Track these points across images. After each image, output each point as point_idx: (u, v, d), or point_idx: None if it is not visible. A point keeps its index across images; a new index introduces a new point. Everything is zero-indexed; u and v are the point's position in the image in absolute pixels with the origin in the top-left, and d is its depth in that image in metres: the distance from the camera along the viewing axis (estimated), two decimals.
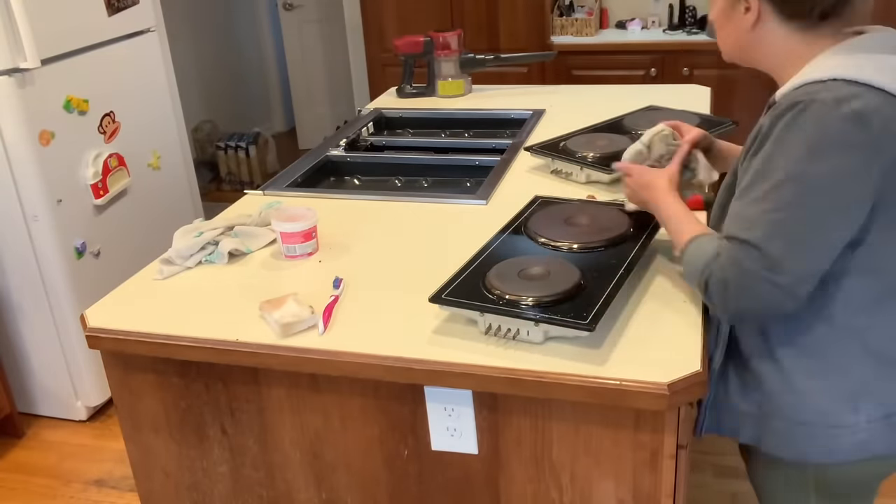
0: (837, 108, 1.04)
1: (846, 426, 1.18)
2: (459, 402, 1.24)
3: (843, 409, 1.17)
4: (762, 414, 1.23)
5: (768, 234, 1.06)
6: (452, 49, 2.61)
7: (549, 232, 1.47)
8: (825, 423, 1.18)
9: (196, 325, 1.35)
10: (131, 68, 2.82)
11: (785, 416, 1.20)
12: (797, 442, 1.21)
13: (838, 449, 1.19)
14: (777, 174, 1.07)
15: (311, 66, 5.33)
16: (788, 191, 1.06)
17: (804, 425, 1.19)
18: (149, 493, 1.53)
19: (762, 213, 1.07)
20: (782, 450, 1.23)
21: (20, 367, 2.72)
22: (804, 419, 1.19)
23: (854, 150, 1.04)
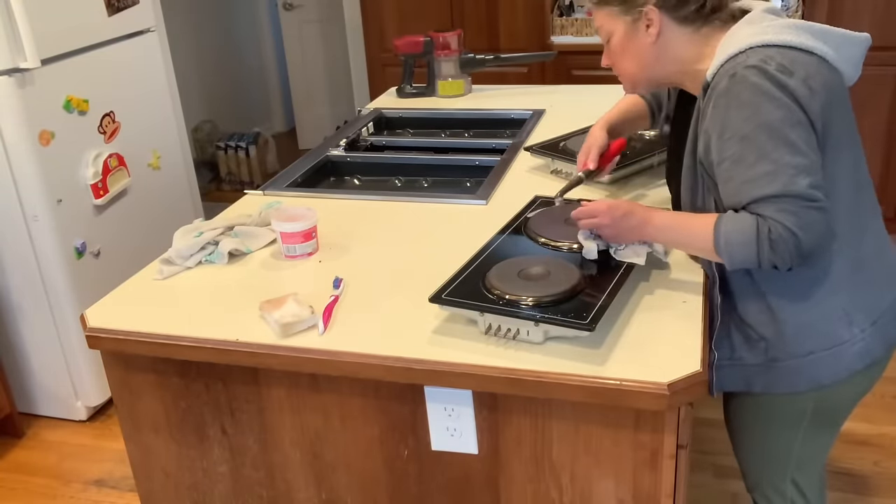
0: (765, 65, 1.17)
1: (846, 341, 1.29)
2: (459, 402, 1.24)
3: (840, 327, 1.28)
4: (769, 360, 1.32)
5: (787, 179, 1.15)
6: (452, 49, 2.61)
7: (549, 232, 1.47)
8: (829, 344, 1.29)
9: (196, 325, 1.35)
10: (131, 68, 2.82)
11: (792, 353, 1.30)
12: (808, 372, 1.30)
13: (845, 364, 1.30)
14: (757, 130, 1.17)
15: (311, 66, 5.33)
16: (777, 136, 1.16)
17: (812, 354, 1.29)
18: (149, 493, 1.53)
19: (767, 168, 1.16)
20: (796, 385, 1.32)
21: (20, 367, 2.72)
22: (810, 348, 1.29)
23: (792, 90, 1.16)
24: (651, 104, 1.71)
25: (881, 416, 2.50)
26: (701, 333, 1.23)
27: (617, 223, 1.32)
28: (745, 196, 1.18)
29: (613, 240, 1.35)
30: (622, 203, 1.33)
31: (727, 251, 1.20)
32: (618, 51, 1.36)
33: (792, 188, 1.14)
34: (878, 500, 2.19)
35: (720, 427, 1.64)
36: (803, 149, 1.16)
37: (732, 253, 1.19)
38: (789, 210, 1.15)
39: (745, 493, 2.21)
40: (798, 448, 1.41)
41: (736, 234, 1.18)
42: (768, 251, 1.16)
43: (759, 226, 1.16)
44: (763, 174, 1.16)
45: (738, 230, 1.18)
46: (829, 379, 1.31)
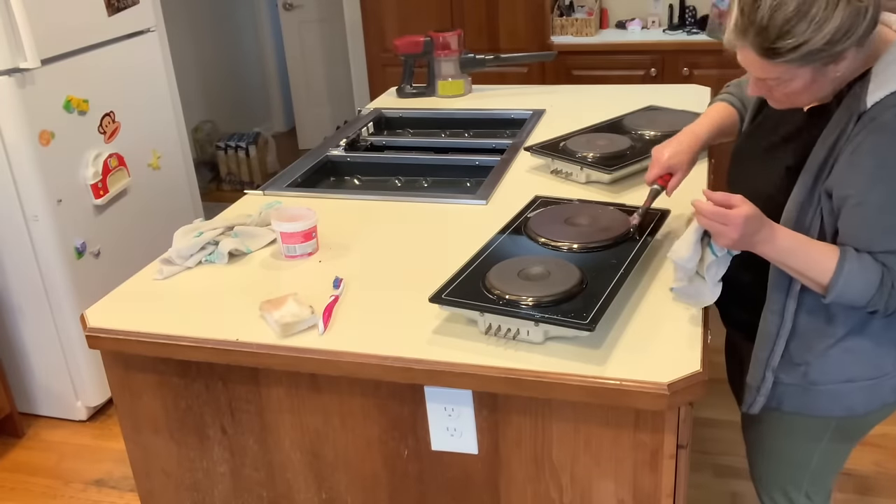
0: None
1: (887, 374, 1.29)
2: (459, 402, 1.24)
3: (885, 359, 1.29)
4: (808, 382, 1.32)
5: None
6: (452, 49, 2.61)
7: (549, 232, 1.47)
8: (870, 374, 1.29)
9: (196, 325, 1.35)
10: (131, 68, 2.82)
11: (833, 379, 1.30)
12: (845, 399, 1.30)
13: (880, 395, 1.31)
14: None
15: (311, 66, 5.33)
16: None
17: (851, 382, 1.29)
18: (149, 493, 1.53)
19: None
20: (832, 409, 1.32)
21: (20, 367, 2.72)
22: (851, 376, 1.29)
23: None
24: (740, 110, 1.56)
25: None
26: (701, 333, 1.23)
27: (744, 236, 1.19)
28: (879, 244, 1.15)
29: (726, 246, 1.22)
30: (757, 214, 1.19)
31: (841, 290, 1.17)
32: (795, 92, 1.20)
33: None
34: (879, 500, 2.19)
35: (720, 427, 1.64)
36: None
37: (846, 291, 1.17)
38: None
39: (744, 493, 2.21)
40: (816, 461, 1.41)
41: (860, 276, 1.16)
42: (885, 300, 1.17)
43: (884, 277, 1.16)
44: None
45: (863, 274, 1.16)
46: (863, 409, 1.32)
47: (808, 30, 1.10)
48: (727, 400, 1.47)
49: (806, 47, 1.11)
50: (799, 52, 1.12)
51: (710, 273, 1.25)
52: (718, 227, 1.19)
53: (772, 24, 1.11)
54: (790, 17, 1.10)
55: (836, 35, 1.10)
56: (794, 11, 1.09)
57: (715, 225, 1.19)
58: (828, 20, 1.09)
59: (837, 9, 1.08)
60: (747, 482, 2.21)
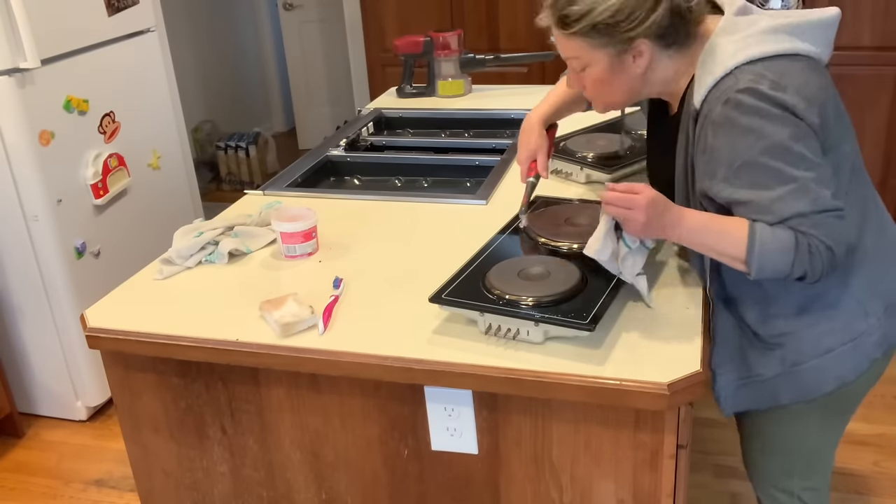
0: (757, 85, 1.14)
1: (863, 332, 1.28)
2: (459, 402, 1.24)
3: (856, 319, 1.28)
4: (790, 365, 1.30)
5: (813, 195, 1.14)
6: (452, 49, 2.61)
7: (549, 232, 1.47)
8: (847, 338, 1.28)
9: (196, 325, 1.35)
10: (131, 68, 2.82)
11: (813, 354, 1.29)
12: (832, 369, 1.29)
13: (865, 354, 1.29)
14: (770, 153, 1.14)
15: (311, 66, 5.33)
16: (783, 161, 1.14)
17: (831, 351, 1.28)
18: (149, 493, 1.53)
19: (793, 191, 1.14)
20: (824, 385, 1.30)
21: (20, 367, 2.72)
22: (829, 345, 1.28)
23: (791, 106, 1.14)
24: None
25: (881, 416, 2.50)
26: (701, 333, 1.23)
27: (651, 219, 1.21)
28: (776, 214, 1.15)
29: (636, 233, 1.24)
30: (661, 198, 1.21)
31: (759, 258, 1.16)
32: (598, 81, 1.29)
33: (820, 203, 1.14)
34: (878, 500, 2.19)
35: (720, 427, 1.64)
36: (815, 160, 1.15)
37: (765, 261, 1.16)
38: (822, 224, 1.14)
39: (745, 493, 2.22)
40: (811, 441, 1.40)
41: (773, 242, 1.15)
42: (807, 263, 1.15)
43: (799, 239, 1.15)
44: (788, 193, 1.14)
45: (776, 239, 1.15)
46: (853, 372, 1.29)
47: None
48: None
49: (590, 17, 1.20)
50: (585, 21, 1.21)
51: (625, 265, 1.27)
52: (624, 212, 1.21)
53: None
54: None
55: (620, 14, 1.19)
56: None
57: (621, 211, 1.22)
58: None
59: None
60: (747, 482, 2.21)
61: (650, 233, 1.23)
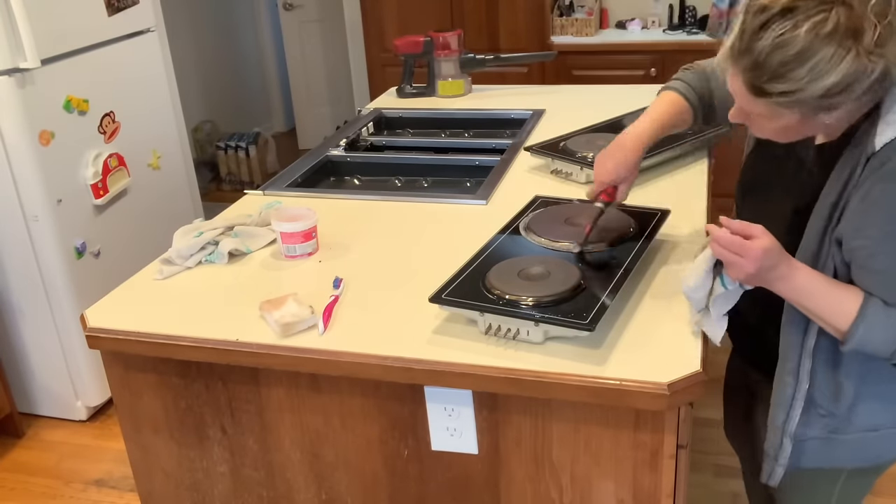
0: None
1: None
2: (459, 402, 1.24)
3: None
4: (830, 432, 1.25)
5: None
6: (452, 49, 2.61)
7: (549, 232, 1.47)
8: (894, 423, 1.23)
9: (196, 325, 1.35)
10: (131, 68, 2.82)
11: (857, 427, 1.23)
12: (873, 447, 1.25)
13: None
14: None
15: (311, 66, 5.33)
16: None
17: (877, 430, 1.23)
18: (149, 493, 1.53)
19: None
20: (855, 459, 1.26)
21: (20, 367, 2.72)
22: (877, 423, 1.23)
23: None
24: (695, 105, 1.47)
25: None
26: (701, 333, 1.23)
27: (760, 270, 1.09)
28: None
29: (739, 280, 1.13)
30: (776, 247, 1.10)
31: (863, 336, 1.09)
32: (774, 129, 1.12)
33: None
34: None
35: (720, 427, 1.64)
36: None
37: (867, 339, 1.09)
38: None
39: (745, 494, 2.21)
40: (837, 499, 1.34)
41: (884, 324, 1.08)
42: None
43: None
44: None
45: (888, 320, 1.08)
46: (891, 455, 1.26)
47: (805, 78, 1.00)
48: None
49: (798, 95, 1.02)
50: (788, 98, 1.03)
51: (715, 306, 1.17)
52: (733, 258, 1.09)
53: (768, 61, 1.02)
54: (789, 61, 1.00)
55: (834, 90, 1.01)
56: (795, 55, 1.00)
57: (730, 255, 1.10)
58: (828, 73, 0.99)
59: (843, 63, 0.98)
60: None
61: (755, 281, 1.12)
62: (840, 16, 0.98)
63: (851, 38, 0.98)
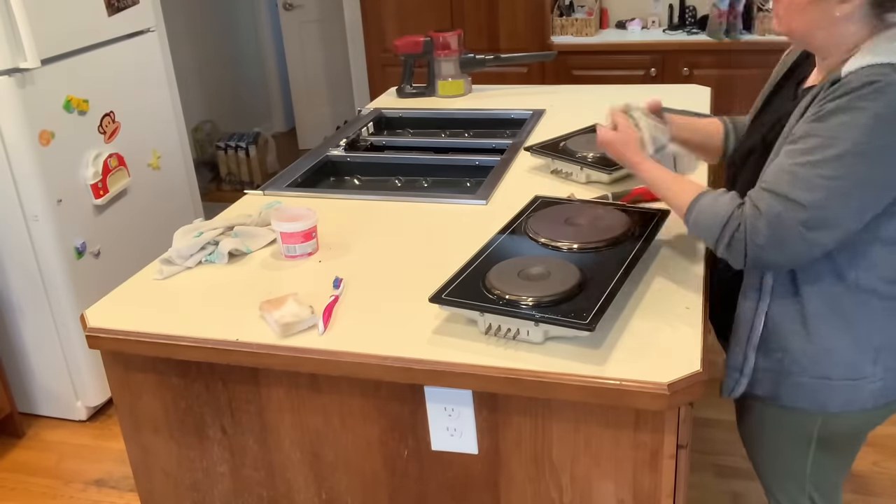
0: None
1: (866, 377, 1.26)
2: (459, 402, 1.24)
3: (864, 361, 1.25)
4: (783, 370, 1.29)
5: (822, 198, 1.11)
6: (452, 49, 2.61)
7: (549, 232, 1.47)
8: (847, 375, 1.26)
9: (196, 325, 1.35)
10: (131, 68, 2.82)
11: (808, 372, 1.27)
12: (819, 394, 1.27)
13: (857, 398, 1.27)
14: (843, 144, 1.11)
15: (311, 66, 5.33)
16: (851, 162, 1.10)
17: (827, 379, 1.26)
18: (149, 493, 1.53)
19: (818, 177, 1.12)
20: (803, 402, 1.29)
21: (20, 367, 2.72)
22: (827, 373, 1.26)
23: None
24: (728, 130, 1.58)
25: None
26: (701, 333, 1.23)
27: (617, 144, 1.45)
28: (771, 180, 1.15)
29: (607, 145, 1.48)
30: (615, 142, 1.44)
31: (696, 220, 1.25)
32: (793, 5, 1.20)
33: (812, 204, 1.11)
34: (878, 500, 2.19)
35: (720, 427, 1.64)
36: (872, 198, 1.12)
37: (696, 223, 1.26)
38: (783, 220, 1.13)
39: (744, 493, 2.22)
40: (810, 469, 1.39)
41: (710, 209, 1.22)
42: (726, 240, 1.19)
43: (734, 213, 1.17)
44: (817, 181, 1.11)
45: (715, 207, 1.21)
46: (838, 408, 1.28)
47: None
48: (727, 400, 1.46)
49: None
50: None
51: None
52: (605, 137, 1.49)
53: None
54: None
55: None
56: None
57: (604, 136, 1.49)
58: None
59: None
60: (747, 482, 2.22)
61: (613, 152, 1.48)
62: None
63: None
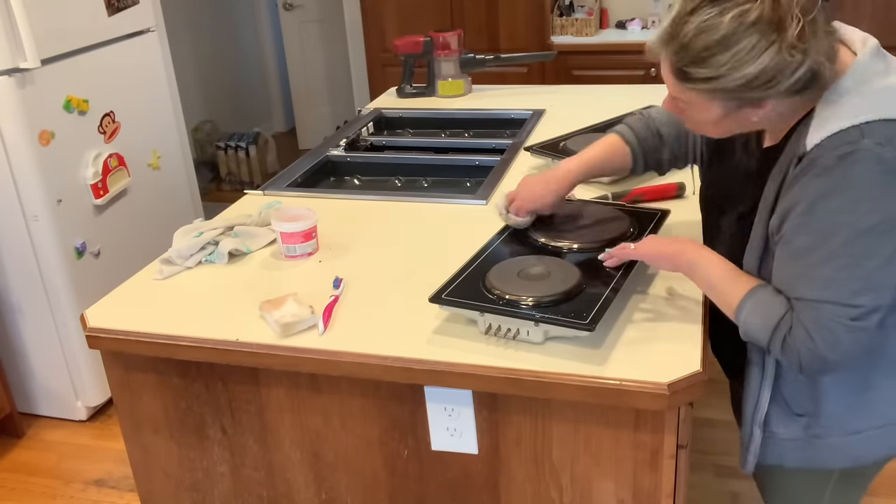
0: (887, 148, 1.02)
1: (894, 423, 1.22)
2: (459, 402, 1.24)
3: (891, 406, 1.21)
4: (810, 436, 1.24)
5: (855, 290, 1.05)
6: (452, 49, 2.61)
7: (549, 232, 1.47)
8: (877, 423, 1.22)
9: (196, 325, 1.35)
10: (131, 68, 2.82)
11: (836, 432, 1.23)
12: (851, 450, 1.24)
13: (888, 444, 1.24)
14: (846, 229, 1.04)
15: (311, 66, 5.33)
16: (862, 243, 1.04)
17: (857, 433, 1.22)
18: (149, 493, 1.53)
19: (838, 271, 1.06)
20: (836, 461, 1.26)
21: (20, 367, 2.72)
22: (857, 427, 1.22)
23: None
24: (634, 147, 1.48)
25: None
26: (701, 333, 1.23)
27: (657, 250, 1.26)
28: (792, 289, 1.10)
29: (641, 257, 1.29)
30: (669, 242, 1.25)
31: (744, 329, 1.14)
32: (704, 122, 1.15)
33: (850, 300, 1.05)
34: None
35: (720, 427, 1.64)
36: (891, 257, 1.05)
37: (748, 324, 1.13)
38: (830, 325, 1.06)
39: (744, 493, 2.22)
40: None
41: (761, 311, 1.11)
42: (778, 344, 1.10)
43: (784, 318, 1.09)
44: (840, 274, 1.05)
45: (765, 308, 1.11)
46: (871, 458, 1.26)
47: (726, 66, 1.02)
48: (727, 400, 1.46)
49: (718, 83, 1.04)
50: (710, 84, 1.05)
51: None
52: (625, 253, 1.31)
53: (692, 45, 1.04)
54: (711, 45, 1.03)
55: (755, 82, 1.03)
56: (718, 41, 1.02)
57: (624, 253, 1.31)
58: (749, 62, 1.01)
59: (765, 54, 1.00)
60: (747, 482, 2.21)
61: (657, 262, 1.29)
62: (765, 7, 1.01)
63: (775, 30, 1.00)
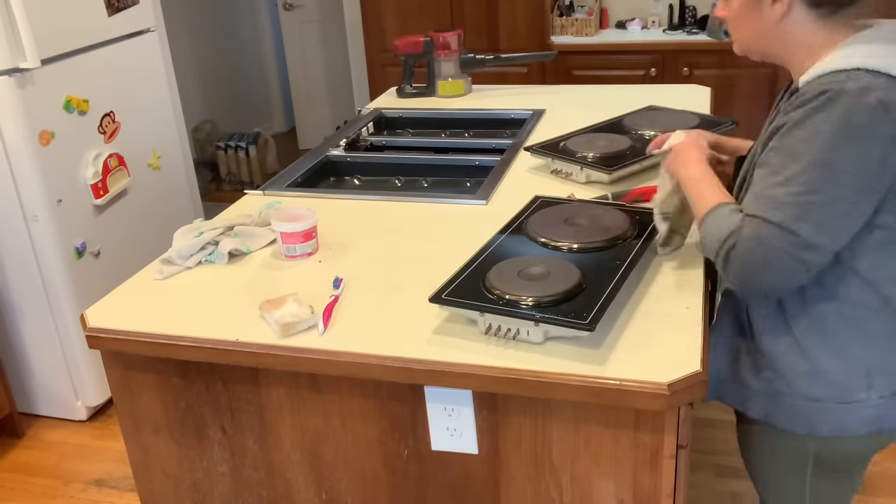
0: (864, 97, 1.07)
1: (858, 402, 1.23)
2: (459, 402, 1.24)
3: (857, 385, 1.22)
4: (774, 391, 1.27)
5: (796, 216, 1.10)
6: (452, 49, 2.61)
7: (549, 232, 1.47)
8: (839, 398, 1.23)
9: (196, 325, 1.35)
10: (131, 68, 2.82)
11: (799, 394, 1.25)
12: (809, 417, 1.25)
13: (848, 424, 1.24)
14: (805, 158, 1.10)
15: (311, 66, 5.33)
16: (816, 175, 1.09)
17: (818, 401, 1.24)
18: (149, 493, 1.53)
19: (788, 195, 1.11)
20: (793, 424, 1.27)
21: (20, 367, 2.72)
22: (818, 395, 1.24)
23: (878, 138, 1.08)
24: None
25: None
26: (701, 333, 1.23)
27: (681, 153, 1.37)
28: (751, 205, 1.14)
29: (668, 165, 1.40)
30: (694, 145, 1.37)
31: (703, 234, 1.23)
32: (735, 13, 1.23)
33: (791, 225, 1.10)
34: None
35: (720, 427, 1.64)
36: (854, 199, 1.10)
37: (703, 239, 1.23)
38: (768, 244, 1.11)
39: (744, 493, 2.22)
40: (809, 498, 1.36)
41: (715, 226, 1.19)
42: (722, 256, 1.16)
43: (731, 235, 1.15)
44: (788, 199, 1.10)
45: (719, 224, 1.18)
46: (828, 432, 1.25)
47: None
48: None
49: None
50: None
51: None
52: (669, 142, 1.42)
53: None
54: None
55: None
56: None
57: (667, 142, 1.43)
58: None
59: None
60: (747, 482, 2.21)
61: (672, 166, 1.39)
62: None
63: None
